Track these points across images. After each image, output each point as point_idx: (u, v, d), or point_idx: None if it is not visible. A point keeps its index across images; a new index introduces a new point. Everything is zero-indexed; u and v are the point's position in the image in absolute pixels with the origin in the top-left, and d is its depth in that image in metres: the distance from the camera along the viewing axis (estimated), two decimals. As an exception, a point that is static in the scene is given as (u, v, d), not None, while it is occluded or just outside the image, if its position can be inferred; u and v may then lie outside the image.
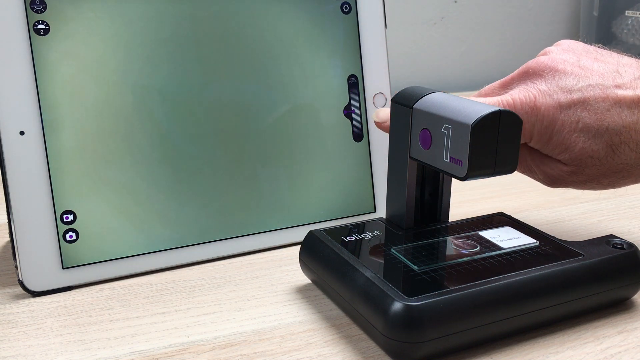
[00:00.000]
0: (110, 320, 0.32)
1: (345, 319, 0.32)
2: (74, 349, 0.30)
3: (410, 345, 0.27)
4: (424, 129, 0.31)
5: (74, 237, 0.35)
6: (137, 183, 0.37)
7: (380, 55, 0.43)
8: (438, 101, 0.31)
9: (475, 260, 0.31)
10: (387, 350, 0.29)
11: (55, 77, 0.35)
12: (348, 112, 0.42)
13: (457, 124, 0.29)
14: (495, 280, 0.29)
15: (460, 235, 0.34)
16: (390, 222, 0.36)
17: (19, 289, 0.35)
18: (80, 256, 0.36)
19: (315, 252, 0.34)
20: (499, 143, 0.29)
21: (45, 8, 0.34)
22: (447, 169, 0.30)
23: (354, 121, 0.42)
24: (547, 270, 0.30)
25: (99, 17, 0.35)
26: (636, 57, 0.36)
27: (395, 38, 0.99)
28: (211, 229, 0.39)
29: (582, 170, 0.34)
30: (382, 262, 0.32)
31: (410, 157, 0.33)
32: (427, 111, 0.31)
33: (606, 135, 0.33)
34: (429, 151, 0.31)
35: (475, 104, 0.29)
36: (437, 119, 0.30)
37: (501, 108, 0.28)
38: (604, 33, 0.99)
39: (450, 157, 0.29)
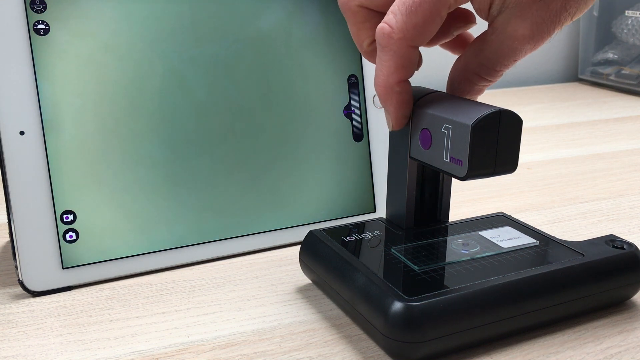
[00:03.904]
0: (110, 320, 0.32)
1: (345, 319, 0.32)
2: (74, 349, 0.30)
3: (410, 345, 0.27)
4: (424, 128, 0.31)
5: (74, 237, 0.35)
6: (137, 183, 0.37)
7: (380, 55, 0.43)
8: (438, 101, 0.31)
9: (475, 260, 0.31)
10: (387, 350, 0.29)
11: (55, 77, 0.35)
12: (348, 112, 0.42)
13: (457, 124, 0.29)
14: (495, 280, 0.29)
15: (460, 235, 0.34)
16: (390, 222, 0.36)
17: (19, 289, 0.35)
18: (80, 256, 0.36)
19: (315, 252, 0.34)
20: (499, 143, 0.29)
21: (45, 8, 0.34)
22: (447, 169, 0.30)
23: (354, 121, 0.42)
24: (547, 270, 0.30)
25: (99, 17, 0.35)
26: None
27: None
28: (211, 229, 0.39)
29: None
30: (382, 262, 0.32)
31: (410, 157, 0.33)
32: (427, 111, 0.31)
33: None
34: (429, 151, 0.31)
35: (475, 104, 0.29)
36: (437, 119, 0.30)
37: (501, 108, 0.28)
38: (604, 33, 0.99)
39: (451, 157, 0.29)
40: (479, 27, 0.33)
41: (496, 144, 0.29)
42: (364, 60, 0.42)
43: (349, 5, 0.32)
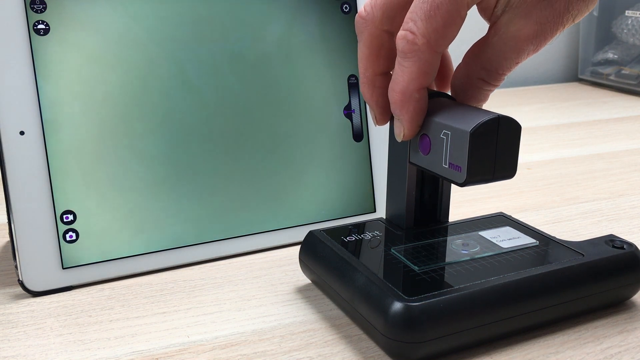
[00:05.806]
0: (110, 320, 0.32)
1: (345, 319, 0.32)
2: (74, 349, 0.30)
3: (410, 345, 0.27)
4: (424, 134, 0.31)
5: (74, 237, 0.35)
6: (137, 183, 0.37)
7: (380, 55, 0.42)
8: (437, 107, 0.31)
9: (475, 260, 0.32)
10: (387, 350, 0.29)
11: (55, 77, 0.35)
12: (348, 112, 0.42)
13: (456, 130, 0.29)
14: (495, 280, 0.29)
15: (460, 235, 0.34)
16: (390, 222, 0.36)
17: (19, 289, 0.35)
18: (80, 256, 0.36)
19: (315, 252, 0.34)
20: (498, 149, 0.29)
21: (45, 8, 0.34)
22: (447, 175, 0.30)
23: (354, 121, 0.42)
24: (547, 270, 0.30)
25: (99, 17, 0.35)
26: None
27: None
28: (211, 229, 0.39)
29: None
30: (382, 262, 0.32)
31: (409, 162, 0.33)
32: (427, 117, 0.31)
33: None
34: (428, 157, 0.31)
35: (474, 110, 0.29)
36: (436, 125, 0.30)
37: (500, 114, 0.28)
38: (604, 33, 0.99)
39: (450, 163, 0.29)
40: (476, 34, 0.33)
41: (495, 150, 0.29)
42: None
43: (371, 29, 0.31)
